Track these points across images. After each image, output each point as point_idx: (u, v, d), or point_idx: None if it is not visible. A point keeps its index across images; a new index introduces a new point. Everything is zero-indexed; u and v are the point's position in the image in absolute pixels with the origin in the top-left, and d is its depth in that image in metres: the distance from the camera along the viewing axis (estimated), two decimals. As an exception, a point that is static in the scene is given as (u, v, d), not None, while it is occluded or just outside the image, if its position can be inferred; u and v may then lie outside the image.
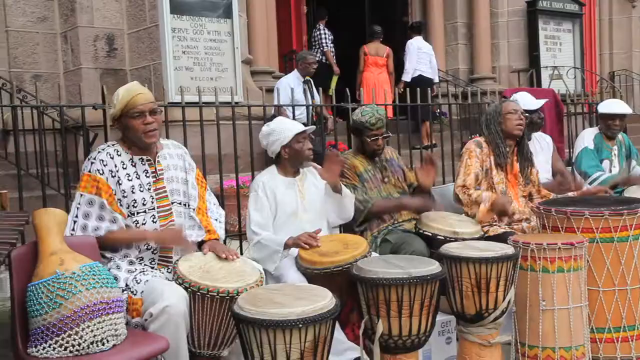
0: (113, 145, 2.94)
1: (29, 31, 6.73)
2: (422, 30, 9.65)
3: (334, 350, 3.02)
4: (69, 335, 2.27)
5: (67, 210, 4.29)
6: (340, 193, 3.61)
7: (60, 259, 2.38)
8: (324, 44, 9.17)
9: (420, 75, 9.08)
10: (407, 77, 9.08)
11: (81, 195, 2.82)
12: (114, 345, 2.36)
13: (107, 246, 2.86)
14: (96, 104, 4.36)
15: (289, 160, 3.58)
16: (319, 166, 3.68)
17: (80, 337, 2.28)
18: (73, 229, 2.80)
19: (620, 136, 4.99)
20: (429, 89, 6.18)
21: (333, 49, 9.31)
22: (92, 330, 2.29)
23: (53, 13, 6.73)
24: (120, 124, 2.89)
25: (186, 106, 4.42)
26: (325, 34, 9.24)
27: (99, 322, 2.31)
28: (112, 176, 2.84)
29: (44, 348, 2.28)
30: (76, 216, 2.82)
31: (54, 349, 2.27)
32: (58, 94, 4.77)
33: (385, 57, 9.22)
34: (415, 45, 9.10)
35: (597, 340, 3.41)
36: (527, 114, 4.19)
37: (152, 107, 2.88)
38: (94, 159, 2.86)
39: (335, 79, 9.02)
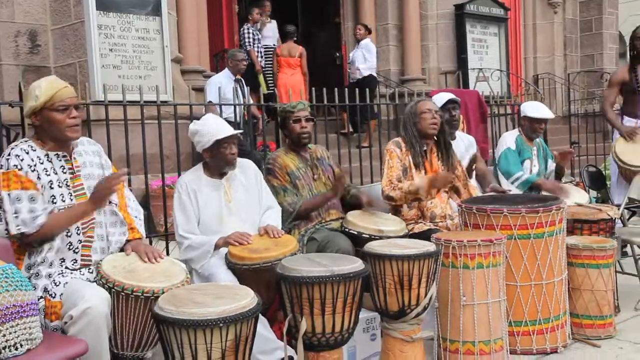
0: (26, 141, 2.83)
1: (-56, 25, 6.43)
2: None
3: (263, 349, 3.04)
4: (-21, 341, 2.19)
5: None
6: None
7: (-30, 262, 2.30)
8: (247, 44, 9.07)
9: (370, 75, 9.40)
10: (364, 73, 9.28)
11: (8, 194, 2.67)
12: (29, 350, 2.29)
13: (48, 234, 2.73)
14: (13, 102, 4.23)
15: (211, 163, 3.52)
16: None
17: (-9, 342, 2.20)
18: (18, 226, 2.66)
19: (537, 139, 5.20)
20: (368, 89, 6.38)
21: (260, 49, 9.22)
22: (4, 335, 2.22)
23: (-29, 7, 6.46)
24: (40, 117, 2.78)
25: (110, 104, 4.33)
26: (249, 33, 9.14)
27: (12, 326, 2.24)
28: (32, 170, 2.73)
29: (-48, 354, 2.20)
30: (15, 214, 2.66)
31: (-37, 355, 2.20)
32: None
33: (298, 57, 9.11)
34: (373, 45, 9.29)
35: (515, 333, 3.54)
36: (440, 112, 4.27)
37: (76, 102, 2.85)
38: (9, 155, 2.74)
39: (261, 78, 8.97)
